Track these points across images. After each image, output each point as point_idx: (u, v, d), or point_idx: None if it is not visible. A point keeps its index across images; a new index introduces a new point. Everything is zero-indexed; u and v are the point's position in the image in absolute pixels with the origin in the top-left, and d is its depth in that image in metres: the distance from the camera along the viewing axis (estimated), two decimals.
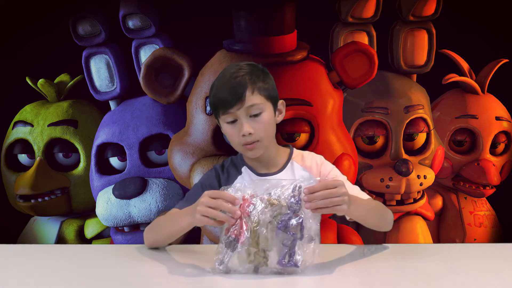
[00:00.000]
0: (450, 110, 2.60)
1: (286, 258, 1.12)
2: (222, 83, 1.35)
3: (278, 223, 1.12)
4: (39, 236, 2.56)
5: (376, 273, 1.19)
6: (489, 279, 1.14)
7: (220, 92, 1.34)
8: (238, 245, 1.12)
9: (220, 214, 1.13)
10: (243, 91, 1.31)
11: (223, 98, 1.32)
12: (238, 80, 1.32)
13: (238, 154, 1.50)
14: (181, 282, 1.15)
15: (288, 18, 2.12)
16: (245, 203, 1.15)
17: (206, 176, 1.51)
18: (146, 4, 2.27)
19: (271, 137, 1.41)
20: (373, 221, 1.36)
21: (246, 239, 1.12)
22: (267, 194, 1.16)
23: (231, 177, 1.45)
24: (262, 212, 1.13)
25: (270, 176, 1.43)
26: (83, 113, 2.53)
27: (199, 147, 2.08)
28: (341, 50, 2.16)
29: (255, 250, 1.13)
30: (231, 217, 1.12)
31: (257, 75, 1.35)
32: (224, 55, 2.14)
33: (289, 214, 1.13)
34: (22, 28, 2.53)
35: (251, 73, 1.34)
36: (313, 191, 1.14)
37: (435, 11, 2.42)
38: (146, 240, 1.40)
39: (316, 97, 2.06)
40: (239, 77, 1.33)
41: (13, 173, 2.52)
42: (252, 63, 1.40)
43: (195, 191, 1.43)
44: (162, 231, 1.35)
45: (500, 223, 2.68)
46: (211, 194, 1.16)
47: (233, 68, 1.36)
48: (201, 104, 2.09)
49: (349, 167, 2.05)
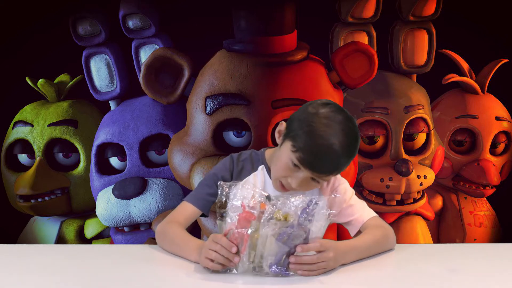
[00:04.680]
0: (450, 110, 2.60)
1: (280, 264, 1.13)
2: (325, 151, 1.20)
3: (280, 234, 1.12)
4: (39, 236, 2.56)
5: (376, 273, 1.19)
6: (489, 279, 1.14)
7: (318, 156, 1.20)
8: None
9: (221, 258, 1.14)
10: (338, 171, 1.25)
11: (317, 165, 1.21)
12: (347, 156, 1.22)
13: (260, 150, 1.43)
14: (181, 282, 1.15)
15: (288, 18, 2.12)
16: (246, 214, 1.14)
17: (220, 166, 1.43)
18: (146, 4, 2.27)
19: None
20: (372, 254, 1.31)
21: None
22: (276, 206, 1.14)
23: (244, 171, 1.40)
24: (264, 225, 1.12)
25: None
26: (83, 113, 2.53)
27: (199, 147, 2.08)
28: (341, 50, 2.16)
29: (253, 253, 1.13)
30: (230, 261, 1.14)
31: (353, 151, 1.24)
32: (224, 55, 2.14)
33: (293, 229, 1.12)
34: (22, 28, 2.53)
35: (352, 152, 1.23)
36: (306, 250, 1.14)
37: (435, 11, 2.42)
38: (158, 243, 1.40)
39: (316, 97, 2.06)
40: (345, 154, 1.21)
41: (13, 173, 2.52)
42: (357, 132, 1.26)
43: (208, 182, 1.40)
44: (172, 248, 1.34)
45: (500, 223, 2.68)
46: (214, 238, 1.16)
47: (346, 137, 1.20)
48: (201, 104, 2.09)
49: (349, 167, 2.05)
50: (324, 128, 1.19)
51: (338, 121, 1.21)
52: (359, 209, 1.37)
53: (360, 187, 2.39)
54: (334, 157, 1.20)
